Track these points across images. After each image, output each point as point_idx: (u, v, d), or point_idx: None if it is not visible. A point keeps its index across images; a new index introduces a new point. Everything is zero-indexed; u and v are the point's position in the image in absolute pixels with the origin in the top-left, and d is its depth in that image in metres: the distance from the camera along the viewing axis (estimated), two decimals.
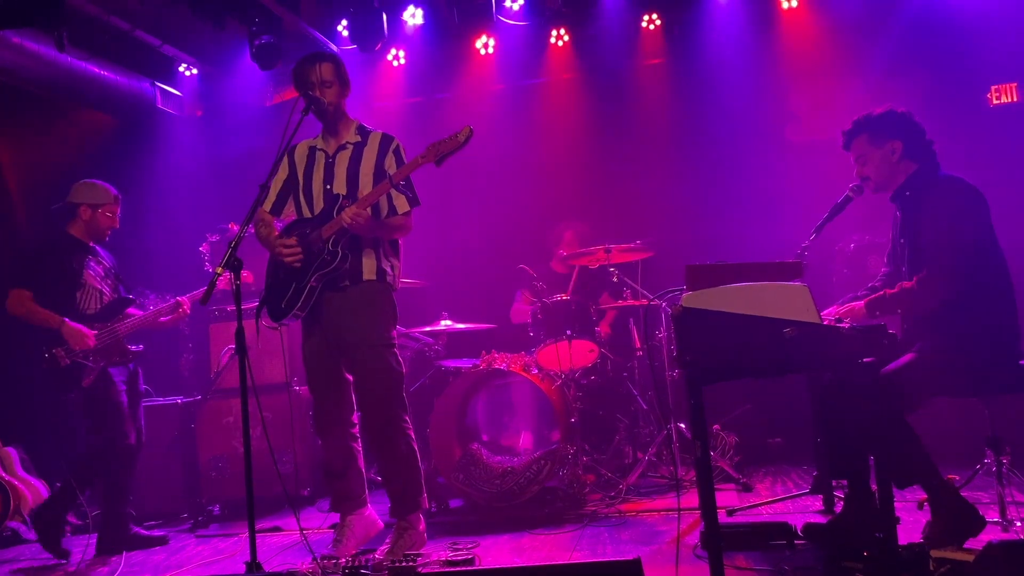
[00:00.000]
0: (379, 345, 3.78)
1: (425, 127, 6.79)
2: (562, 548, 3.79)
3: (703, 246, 5.75)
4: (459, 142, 3.63)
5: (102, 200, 4.65)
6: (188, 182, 6.87)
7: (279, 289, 3.82)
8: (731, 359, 2.86)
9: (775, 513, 4.07)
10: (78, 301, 4.48)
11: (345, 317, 3.77)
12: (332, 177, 3.86)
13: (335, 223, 3.69)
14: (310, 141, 3.99)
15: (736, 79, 6.26)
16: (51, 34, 5.46)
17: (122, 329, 4.54)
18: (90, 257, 4.61)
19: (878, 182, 3.52)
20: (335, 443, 3.92)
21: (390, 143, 3.91)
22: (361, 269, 3.80)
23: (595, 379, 5.17)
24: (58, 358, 4.36)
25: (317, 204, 3.85)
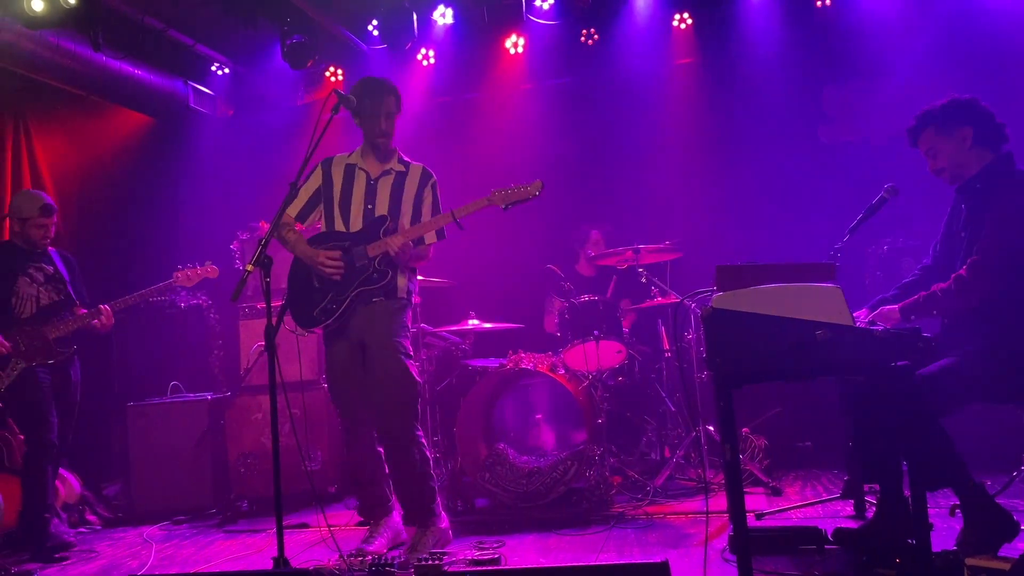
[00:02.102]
0: (400, 353, 3.88)
1: (454, 127, 6.82)
2: (588, 549, 3.77)
3: (733, 247, 5.70)
4: (529, 194, 3.84)
5: (26, 213, 4.68)
6: (219, 180, 6.94)
7: (311, 296, 3.92)
8: (762, 361, 2.82)
9: (805, 518, 4.03)
10: (12, 306, 4.61)
11: (370, 328, 3.89)
12: (374, 199, 3.98)
13: (382, 244, 3.84)
14: (346, 158, 4.07)
15: (768, 79, 6.18)
16: (87, 34, 5.55)
17: (51, 332, 4.62)
18: (30, 264, 4.70)
19: (953, 172, 3.40)
20: (362, 450, 3.99)
21: (428, 179, 4.08)
22: (397, 287, 3.96)
23: (623, 380, 5.14)
24: None
25: (355, 222, 3.97)
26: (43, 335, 4.60)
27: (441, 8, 6.42)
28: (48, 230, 4.73)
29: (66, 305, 4.75)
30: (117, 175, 6.87)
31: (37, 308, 4.66)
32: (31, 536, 4.46)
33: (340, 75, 6.99)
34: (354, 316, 3.89)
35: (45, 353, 4.60)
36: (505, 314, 5.69)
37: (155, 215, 6.88)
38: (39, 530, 4.45)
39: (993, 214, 3.22)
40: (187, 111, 6.88)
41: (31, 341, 4.57)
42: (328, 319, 3.87)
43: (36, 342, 4.58)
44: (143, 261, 6.59)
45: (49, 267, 4.76)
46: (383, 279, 3.86)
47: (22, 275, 4.65)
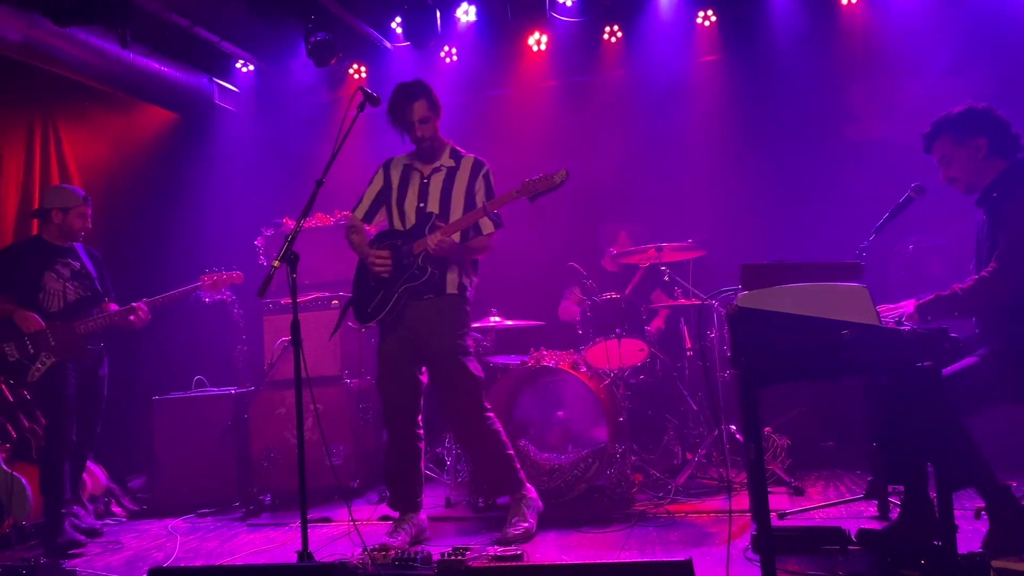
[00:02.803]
0: (458, 353, 4.01)
1: (477, 124, 6.82)
2: (610, 547, 3.78)
3: (756, 246, 5.67)
4: (554, 183, 3.85)
5: (71, 203, 4.75)
6: (243, 177, 6.99)
7: (368, 294, 4.07)
8: (787, 361, 2.82)
9: (827, 518, 4.00)
10: (40, 302, 4.65)
11: (426, 326, 4.01)
12: (426, 196, 4.09)
13: (424, 242, 3.94)
14: (404, 158, 4.23)
15: (793, 77, 6.15)
16: (115, 31, 5.62)
17: (80, 327, 4.66)
18: (58, 260, 4.74)
19: (968, 182, 3.38)
20: (401, 442, 4.09)
21: (480, 169, 4.15)
22: (444, 283, 4.04)
23: (644, 378, 5.13)
24: (6, 354, 4.53)
25: (409, 219, 4.09)
26: (73, 330, 4.63)
27: (464, 5, 6.44)
28: (87, 219, 4.80)
29: (94, 301, 4.79)
30: (143, 171, 6.94)
31: (64, 304, 4.69)
32: (46, 531, 4.49)
33: (364, 72, 7.03)
34: (405, 313, 4.01)
35: (75, 349, 4.63)
36: (527, 311, 5.70)
37: (180, 211, 6.94)
38: (54, 525, 4.47)
39: (1012, 217, 3.19)
40: (212, 108, 6.94)
41: (62, 337, 4.60)
42: (379, 315, 4.02)
43: (67, 338, 4.61)
44: (169, 257, 6.65)
45: (76, 263, 4.80)
46: (424, 275, 3.96)
47: (49, 271, 4.69)
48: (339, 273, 5.93)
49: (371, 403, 5.66)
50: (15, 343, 4.54)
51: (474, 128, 6.76)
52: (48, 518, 4.49)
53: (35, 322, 4.54)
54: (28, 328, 4.53)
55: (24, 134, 5.98)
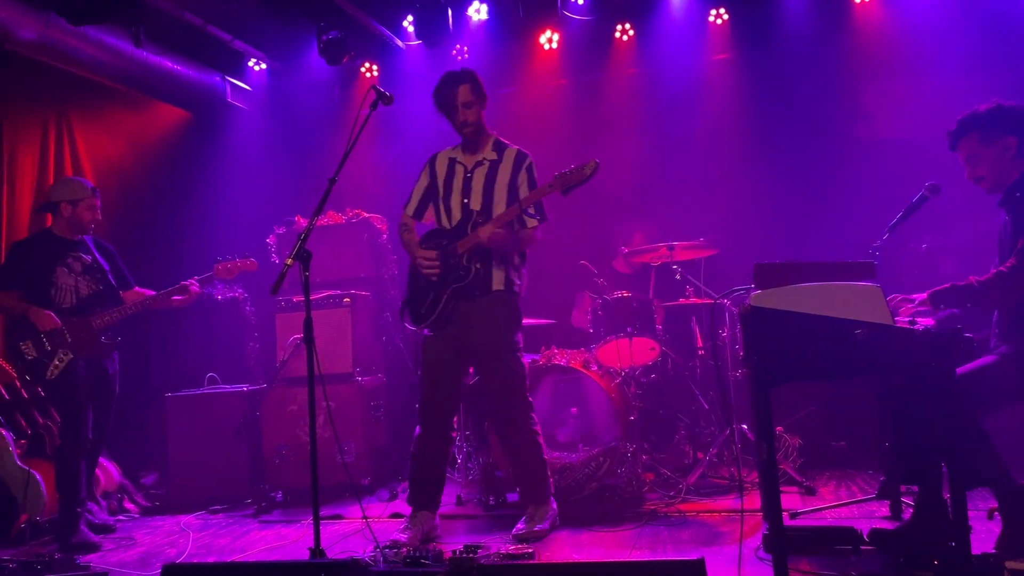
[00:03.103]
0: (505, 351, 4.03)
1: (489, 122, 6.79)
2: (621, 546, 3.78)
3: (769, 245, 5.65)
4: (585, 175, 3.85)
5: (79, 195, 4.70)
6: (256, 175, 7.01)
7: (420, 294, 4.10)
8: (800, 360, 2.82)
9: (840, 518, 3.99)
10: (52, 297, 4.60)
11: (475, 324, 4.03)
12: (469, 191, 4.10)
13: (469, 239, 3.96)
14: (450, 152, 4.23)
15: (806, 75, 6.12)
16: (128, 29, 5.64)
17: (96, 322, 4.62)
18: (69, 254, 4.69)
19: (994, 181, 3.35)
20: (432, 437, 4.11)
21: (523, 161, 4.15)
22: (491, 280, 4.05)
23: (656, 377, 5.13)
24: (24, 352, 4.51)
25: (455, 216, 4.11)
26: (89, 326, 4.60)
27: (476, 4, 6.44)
28: (97, 212, 4.77)
29: (107, 295, 4.75)
30: (156, 169, 6.97)
31: (77, 299, 4.65)
32: (62, 529, 4.48)
33: (375, 71, 7.03)
34: (455, 312, 4.03)
35: (92, 346, 4.60)
36: (538, 310, 5.69)
37: (193, 209, 6.96)
38: (69, 525, 4.46)
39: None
40: (224, 106, 6.96)
41: (79, 333, 4.56)
42: (431, 316, 4.04)
43: (84, 334, 4.57)
44: (182, 254, 6.67)
45: (87, 256, 4.75)
46: (470, 274, 3.97)
47: (60, 265, 4.64)
48: (351, 271, 5.97)
49: (382, 400, 5.69)
50: (32, 341, 4.51)
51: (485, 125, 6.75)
52: (63, 517, 4.50)
53: (51, 320, 4.51)
54: (44, 326, 4.50)
55: (39, 132, 6.01)
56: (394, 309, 6.03)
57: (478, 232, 3.92)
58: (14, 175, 5.76)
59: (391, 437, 5.78)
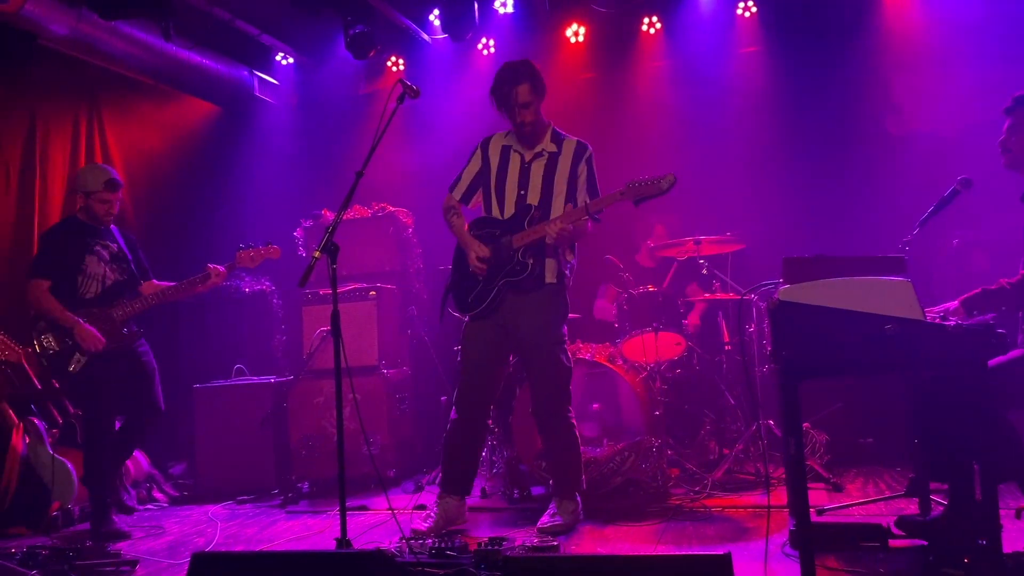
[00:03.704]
0: (553, 344, 4.02)
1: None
2: (646, 540, 3.77)
3: (797, 239, 5.60)
4: (661, 189, 3.79)
5: (91, 187, 4.61)
6: (283, 168, 7.06)
7: (468, 281, 4.06)
8: (828, 355, 2.79)
9: (867, 515, 3.96)
10: (79, 285, 4.56)
11: (524, 317, 4.01)
12: (527, 184, 4.03)
13: (527, 234, 3.92)
14: (504, 138, 4.14)
15: (834, 68, 6.06)
16: (159, 24, 5.69)
17: (118, 314, 4.58)
18: (96, 241, 4.66)
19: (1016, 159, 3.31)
20: (467, 424, 4.11)
21: (584, 152, 4.09)
22: (544, 275, 4.03)
23: (681, 372, 5.11)
24: (46, 347, 4.49)
25: (508, 207, 4.05)
26: (111, 317, 4.57)
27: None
28: (112, 206, 4.66)
29: (129, 285, 4.72)
30: (185, 163, 7.04)
31: (103, 288, 4.61)
32: (92, 519, 4.51)
33: (402, 65, 7.05)
34: (503, 304, 4.01)
35: (113, 338, 4.55)
36: None
37: (221, 202, 7.03)
38: (99, 515, 4.48)
39: None
40: (252, 100, 7.02)
41: (101, 325, 4.52)
42: (480, 307, 4.02)
43: (106, 325, 4.53)
44: (209, 247, 6.72)
45: (113, 245, 4.73)
46: (525, 271, 3.94)
47: (89, 253, 4.61)
48: (376, 264, 6.00)
49: (408, 393, 5.71)
50: (53, 335, 4.49)
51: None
52: (94, 506, 4.54)
53: (96, 341, 4.44)
54: (89, 347, 4.43)
55: (70, 126, 6.09)
56: (420, 302, 6.06)
57: (544, 228, 3.86)
58: (46, 167, 5.84)
59: (416, 429, 5.81)
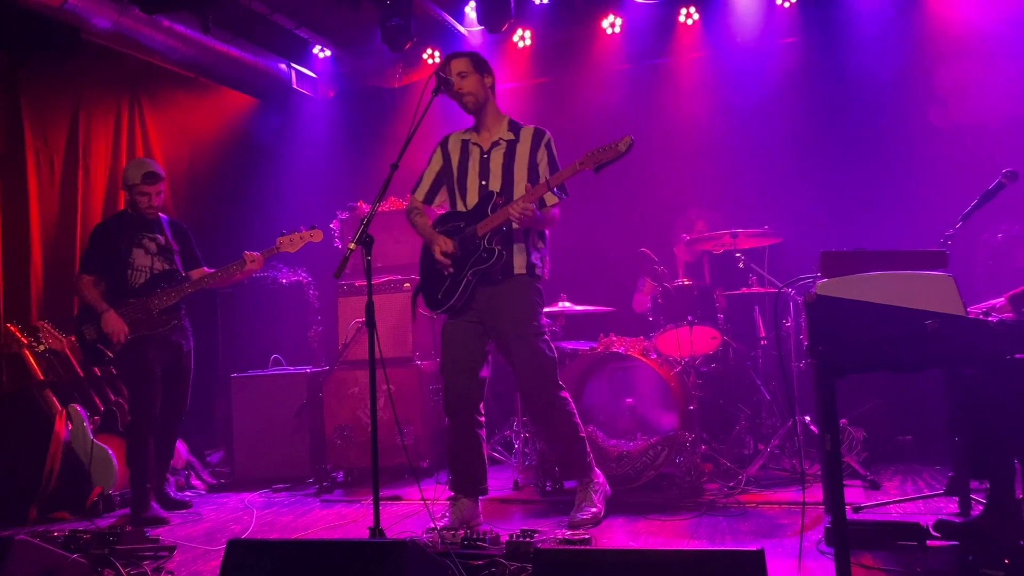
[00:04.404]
0: (530, 336, 3.94)
1: (550, 107, 6.80)
2: (679, 535, 3.75)
3: (835, 233, 5.51)
4: (619, 152, 3.69)
5: (131, 180, 4.75)
6: (319, 160, 7.12)
7: (436, 278, 4.00)
8: (867, 351, 2.75)
9: (904, 513, 3.90)
10: (128, 277, 4.71)
11: (497, 310, 3.94)
12: (487, 173, 3.99)
13: (490, 220, 3.85)
14: (462, 134, 4.12)
15: (876, 59, 5.95)
16: (198, 17, 5.76)
17: (155, 304, 4.69)
18: (144, 234, 4.79)
19: None
20: (461, 428, 4.04)
21: (542, 137, 4.04)
22: (512, 264, 3.95)
23: (716, 367, 5.07)
24: (85, 334, 4.65)
25: (471, 198, 4.00)
26: (147, 307, 4.68)
27: None
28: (151, 198, 4.76)
29: (173, 276, 4.82)
30: (223, 155, 7.13)
31: (147, 279, 4.75)
32: (133, 504, 4.62)
33: (437, 57, 7.06)
34: (476, 297, 3.94)
35: (147, 324, 4.67)
36: (597, 297, 5.67)
37: (258, 193, 7.11)
38: (140, 500, 4.59)
39: None
40: (290, 92, 7.08)
41: (135, 313, 4.66)
42: (449, 301, 3.94)
43: (140, 314, 4.66)
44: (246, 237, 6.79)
45: (161, 237, 4.85)
46: (492, 257, 3.86)
47: (137, 246, 4.75)
48: (412, 256, 5.99)
49: (441, 385, 5.72)
50: (93, 325, 4.63)
51: (547, 111, 6.74)
52: (134, 492, 4.64)
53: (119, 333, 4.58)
54: (114, 338, 4.57)
55: (112, 118, 6.18)
56: None
57: (507, 210, 3.79)
58: (89, 160, 5.94)
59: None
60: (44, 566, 2.98)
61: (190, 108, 6.85)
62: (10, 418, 5.03)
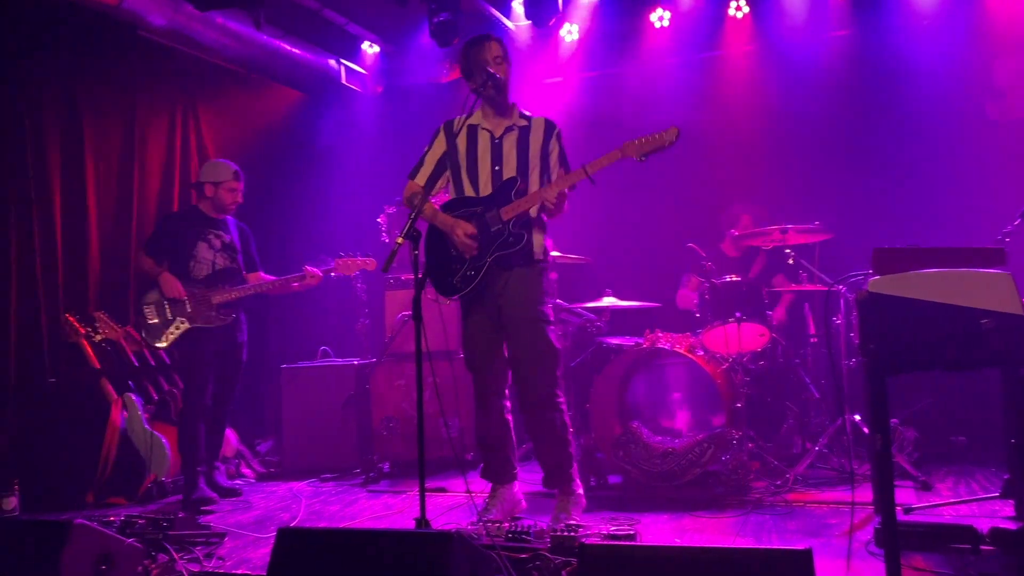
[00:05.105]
0: (540, 321, 3.87)
1: (599, 102, 6.77)
2: (725, 533, 3.73)
3: (888, 229, 5.42)
4: (664, 142, 3.64)
5: (222, 177, 5.03)
6: (368, 156, 7.18)
7: (451, 265, 3.92)
8: (920, 350, 2.70)
9: (957, 515, 3.82)
10: (190, 268, 4.92)
11: (509, 294, 3.87)
12: (500, 159, 3.93)
13: (516, 206, 3.80)
14: (467, 119, 3.95)
15: (929, 52, 5.80)
16: (250, 14, 5.84)
17: (216, 297, 4.88)
18: (211, 231, 5.02)
19: None
20: (491, 416, 4.03)
21: (553, 129, 4.00)
22: (533, 250, 3.91)
23: (764, 364, 5.01)
24: (146, 316, 4.84)
25: (484, 185, 3.93)
26: (208, 299, 4.88)
27: None
28: (238, 194, 5.07)
29: (234, 273, 5.03)
30: (274, 149, 7.22)
31: (212, 272, 4.95)
32: (184, 489, 4.81)
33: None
34: (493, 283, 3.88)
35: (206, 317, 4.87)
36: (642, 292, 5.64)
37: (307, 187, 7.20)
38: (190, 483, 4.78)
39: None
40: (339, 88, 7.15)
41: (197, 304, 4.86)
42: (468, 287, 3.87)
43: (201, 306, 4.87)
44: (296, 232, 6.93)
45: (226, 235, 5.07)
46: (519, 242, 3.81)
47: (202, 240, 4.97)
48: None
49: None
50: (155, 307, 4.86)
51: (595, 105, 6.71)
52: (185, 476, 4.80)
53: (176, 289, 4.83)
54: (168, 293, 4.83)
55: (166, 115, 6.30)
56: None
57: (540, 194, 3.75)
58: (144, 157, 6.06)
59: None
60: (102, 549, 3.07)
61: (241, 104, 6.95)
62: (68, 405, 5.18)
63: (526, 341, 3.86)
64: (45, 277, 5.27)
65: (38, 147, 5.32)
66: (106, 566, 3.05)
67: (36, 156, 5.30)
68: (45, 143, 5.36)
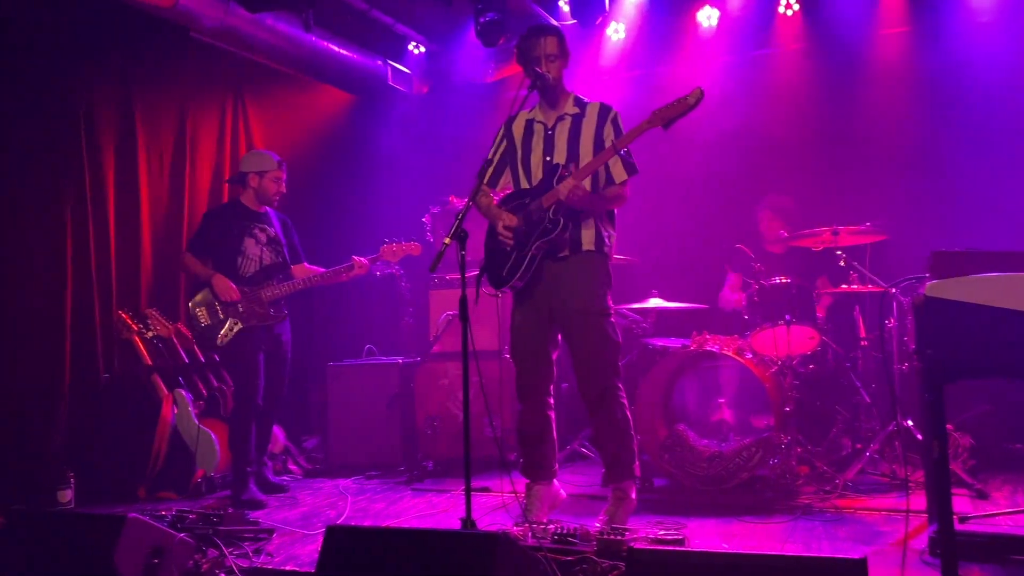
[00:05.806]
0: (597, 314, 3.83)
1: (645, 100, 6.68)
2: (773, 538, 3.67)
3: (942, 232, 5.28)
4: (688, 105, 3.60)
5: (267, 167, 4.99)
6: (413, 155, 7.22)
7: (500, 257, 3.94)
8: (978, 356, 2.63)
9: (1016, 526, 3.71)
10: (238, 265, 4.90)
11: (564, 286, 3.84)
12: (552, 148, 3.92)
13: (555, 192, 3.76)
14: (527, 114, 4.05)
15: (989, 48, 5.64)
16: (299, 15, 5.92)
17: (266, 294, 4.87)
18: (256, 224, 4.99)
19: None
20: (532, 411, 4.02)
21: (608, 112, 3.95)
22: (581, 239, 3.86)
23: (814, 368, 4.92)
24: (198, 318, 4.83)
25: (536, 175, 3.94)
26: (260, 298, 4.87)
27: None
28: (282, 184, 5.05)
29: (282, 268, 5.03)
30: (321, 149, 7.30)
31: (260, 268, 4.94)
32: (233, 486, 4.82)
33: None
34: (542, 273, 3.86)
35: (260, 316, 4.87)
36: (688, 294, 5.58)
37: (354, 187, 7.26)
38: (240, 483, 4.78)
39: None
40: (385, 88, 7.19)
41: (249, 304, 4.85)
42: (514, 277, 3.86)
43: (254, 305, 4.86)
44: (343, 230, 6.98)
45: (271, 229, 5.05)
46: (557, 228, 3.75)
47: (248, 235, 4.95)
48: None
49: None
50: (207, 308, 4.84)
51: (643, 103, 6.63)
52: (235, 475, 4.83)
53: (231, 291, 4.80)
54: (224, 296, 4.80)
55: (217, 115, 6.40)
56: None
57: (557, 188, 3.72)
58: (195, 154, 6.16)
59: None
60: (154, 543, 3.13)
61: (290, 104, 7.03)
62: (121, 401, 5.29)
63: (579, 334, 3.84)
64: (99, 275, 5.38)
65: (93, 146, 5.43)
66: (158, 560, 3.10)
67: (91, 156, 5.41)
68: (100, 143, 5.47)
